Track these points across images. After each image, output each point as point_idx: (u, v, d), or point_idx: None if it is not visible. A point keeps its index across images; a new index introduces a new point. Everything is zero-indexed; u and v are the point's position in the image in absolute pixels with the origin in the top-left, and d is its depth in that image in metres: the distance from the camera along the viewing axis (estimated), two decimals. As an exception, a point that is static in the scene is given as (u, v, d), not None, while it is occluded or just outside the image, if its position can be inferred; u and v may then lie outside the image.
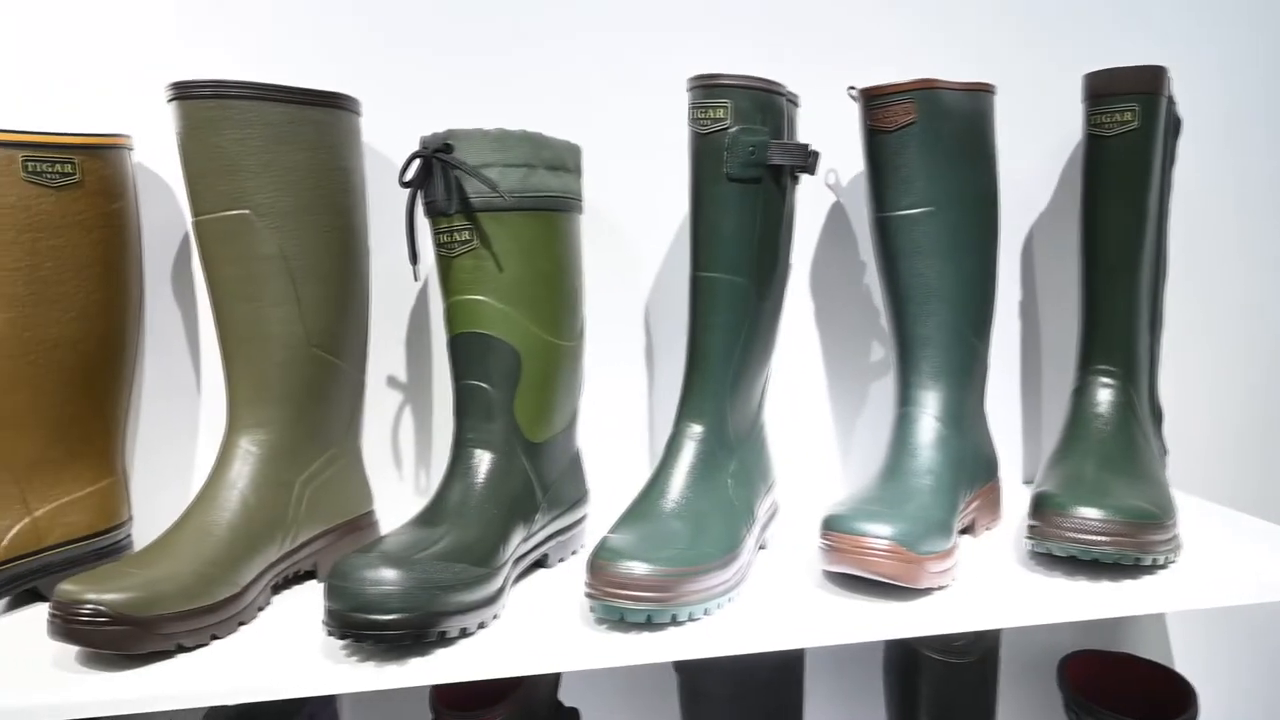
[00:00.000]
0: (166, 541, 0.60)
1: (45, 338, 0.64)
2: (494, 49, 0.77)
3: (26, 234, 0.63)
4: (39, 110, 0.72)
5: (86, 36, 0.73)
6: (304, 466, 0.66)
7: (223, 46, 0.74)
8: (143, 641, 0.53)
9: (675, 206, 0.81)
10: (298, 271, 0.64)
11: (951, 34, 0.82)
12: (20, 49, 0.72)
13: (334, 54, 0.75)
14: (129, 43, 0.73)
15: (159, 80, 0.74)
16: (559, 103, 0.78)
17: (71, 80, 0.73)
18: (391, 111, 0.76)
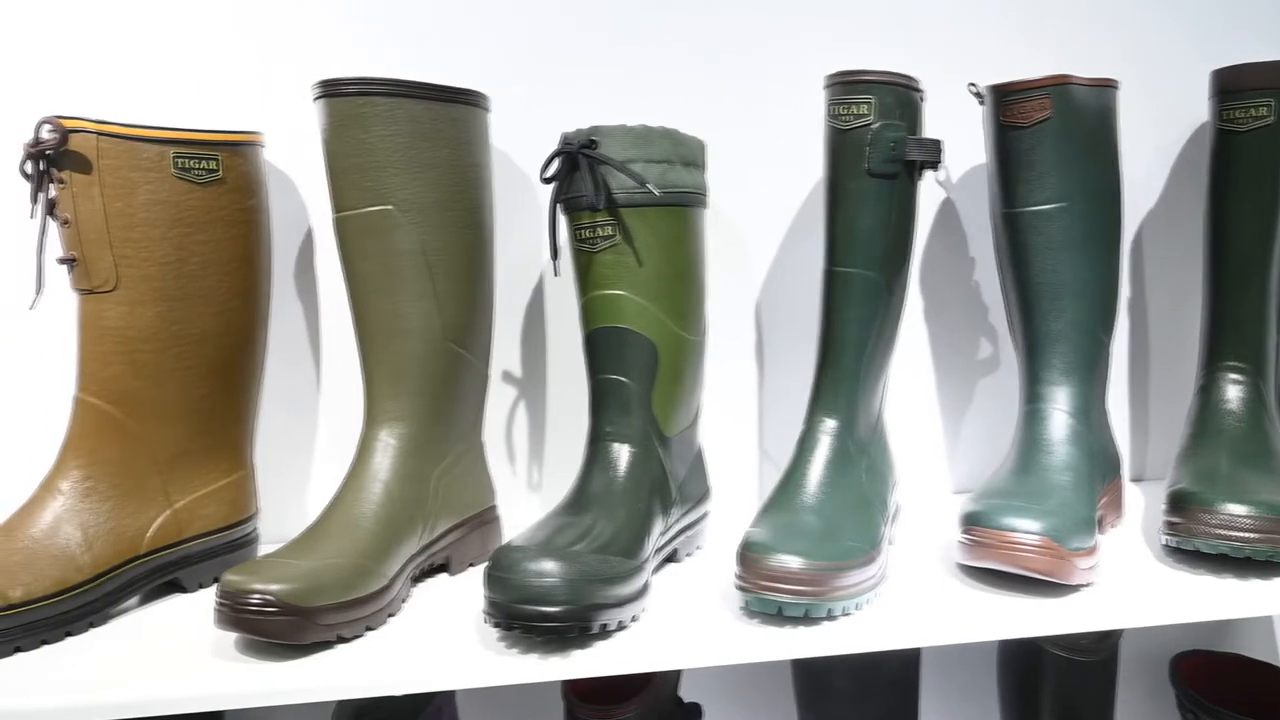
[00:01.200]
0: (317, 533, 0.60)
1: (190, 332, 0.65)
2: (593, 44, 0.77)
3: (175, 229, 0.64)
4: (169, 108, 0.74)
5: (210, 34, 0.74)
6: (439, 459, 0.67)
7: (319, 42, 0.75)
8: (306, 632, 0.54)
9: (780, 202, 0.81)
10: (436, 266, 0.65)
11: (1037, 30, 0.82)
12: (148, 45, 0.73)
13: (429, 50, 0.76)
14: (245, 40, 0.74)
15: (276, 79, 0.75)
16: (657, 97, 0.79)
17: (201, 78, 0.74)
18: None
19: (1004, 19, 0.81)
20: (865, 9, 0.79)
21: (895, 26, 0.80)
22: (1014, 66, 0.81)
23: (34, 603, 0.57)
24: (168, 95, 0.74)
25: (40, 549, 0.59)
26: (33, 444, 0.75)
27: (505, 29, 0.76)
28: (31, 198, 0.62)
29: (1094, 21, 0.82)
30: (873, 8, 0.79)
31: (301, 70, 0.75)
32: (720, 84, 0.79)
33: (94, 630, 0.61)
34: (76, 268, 0.62)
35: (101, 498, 0.63)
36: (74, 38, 0.72)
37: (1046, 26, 0.81)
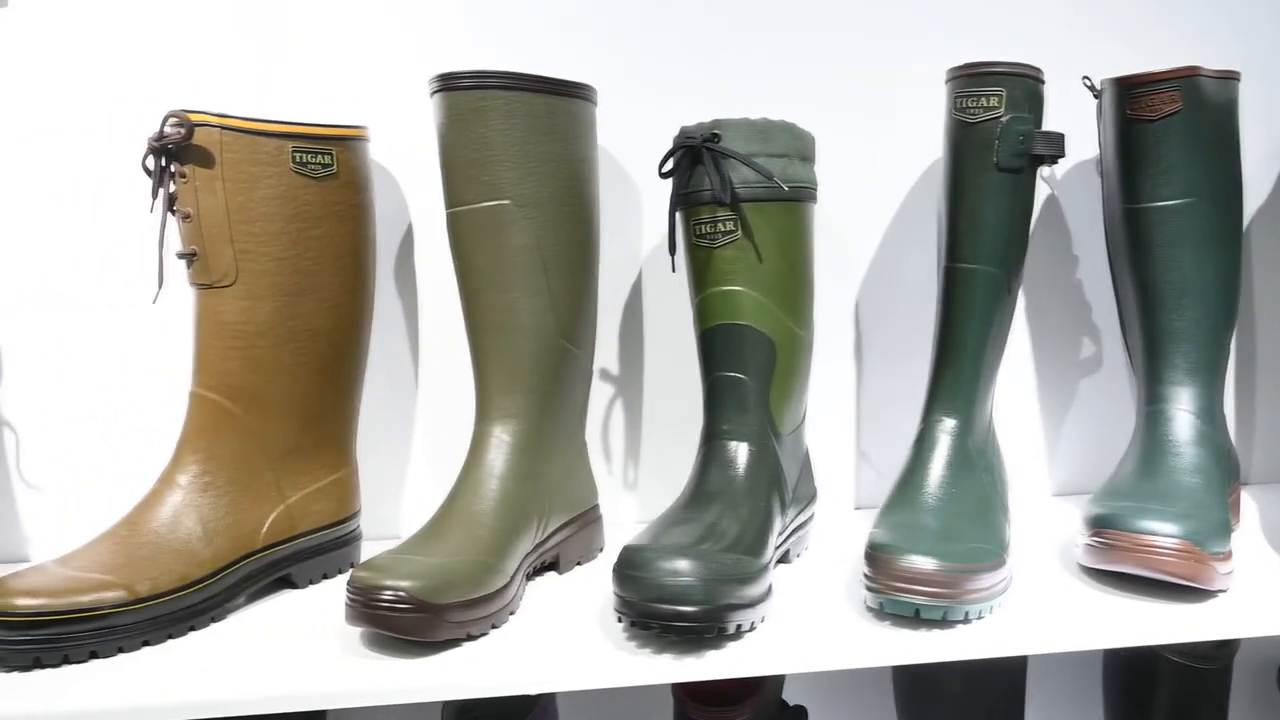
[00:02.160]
0: (437, 530, 0.60)
1: (305, 327, 0.65)
2: (686, 37, 0.77)
3: (293, 224, 0.64)
4: (261, 102, 0.74)
5: (303, 29, 0.74)
6: (550, 457, 0.66)
7: (412, 35, 0.75)
8: (438, 629, 0.54)
9: (879, 199, 0.80)
10: (550, 262, 0.64)
11: (1121, 19, 0.80)
12: (233, 41, 0.73)
13: (510, 41, 0.75)
14: (340, 35, 0.74)
15: (371, 74, 0.75)
16: (749, 91, 0.78)
17: (297, 73, 0.74)
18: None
19: (1077, 9, 0.79)
20: (953, 5, 0.78)
21: (989, 22, 0.78)
22: (1077, 58, 0.79)
23: (160, 597, 0.57)
24: (257, 90, 0.74)
25: (164, 544, 0.59)
26: (143, 437, 0.76)
27: (592, 24, 0.76)
28: (152, 193, 0.62)
29: (1161, 9, 0.80)
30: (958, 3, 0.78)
31: (396, 64, 0.74)
32: (815, 78, 0.78)
33: (214, 625, 0.61)
34: (196, 262, 0.62)
35: (219, 492, 0.63)
36: (163, 32, 0.73)
37: (1114, 15, 0.80)
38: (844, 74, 0.78)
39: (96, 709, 0.50)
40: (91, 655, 0.55)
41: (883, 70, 0.78)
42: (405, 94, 0.75)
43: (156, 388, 0.75)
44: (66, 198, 0.73)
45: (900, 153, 0.79)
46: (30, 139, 0.73)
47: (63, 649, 0.54)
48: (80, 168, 0.73)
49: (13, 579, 0.55)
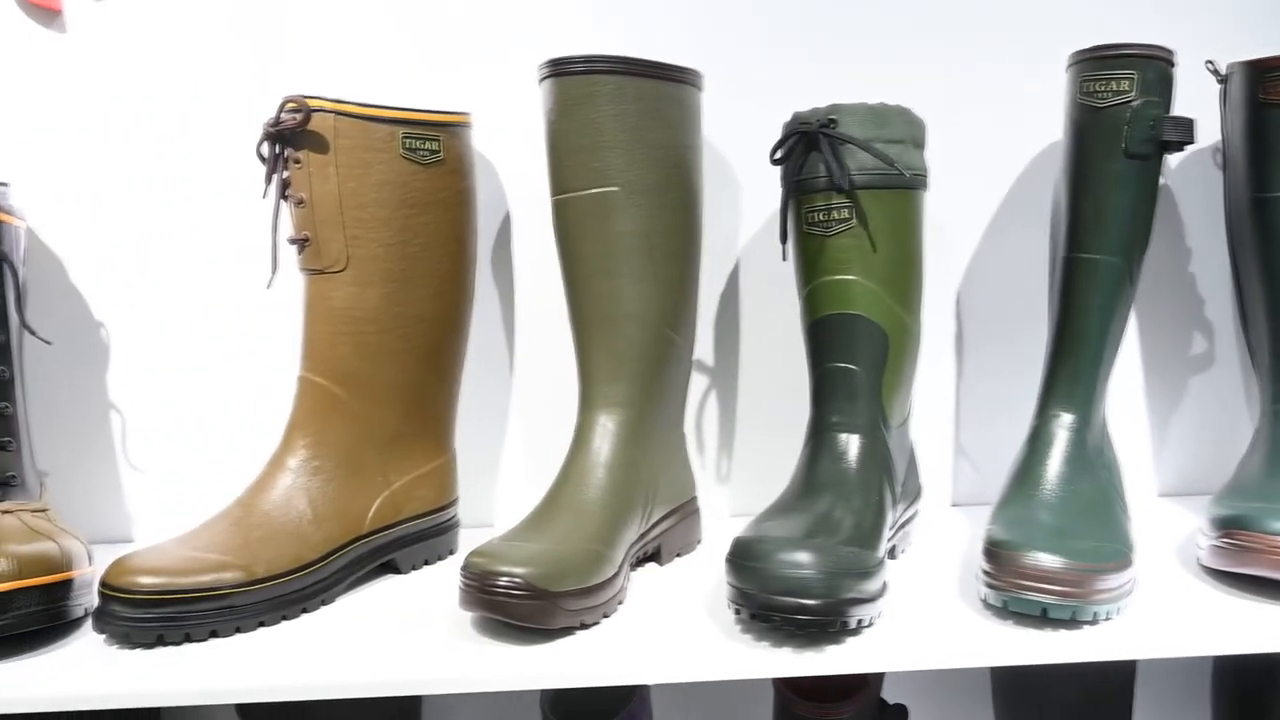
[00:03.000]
0: (545, 518, 0.60)
1: (410, 314, 0.65)
2: (783, 21, 0.75)
3: (401, 210, 0.64)
4: (383, 88, 0.74)
5: (397, 15, 0.74)
6: (653, 446, 0.65)
7: (502, 24, 0.74)
8: (554, 616, 0.53)
9: (983, 189, 0.78)
10: (656, 250, 0.64)
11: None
12: (318, 27, 0.74)
13: (601, 26, 0.75)
14: (434, 21, 0.74)
15: (464, 61, 0.75)
16: (843, 75, 0.76)
17: (389, 60, 0.74)
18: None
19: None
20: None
21: (1098, 5, 0.76)
22: (1196, 44, 0.76)
23: (276, 578, 0.58)
24: (355, 76, 0.75)
25: (277, 526, 0.60)
26: (242, 422, 0.77)
27: (687, 8, 0.75)
28: (266, 178, 0.62)
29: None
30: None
31: (491, 51, 0.74)
32: (914, 61, 0.76)
33: (324, 608, 0.61)
34: (308, 248, 0.63)
35: (327, 477, 0.63)
36: (263, 18, 0.74)
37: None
38: (945, 58, 0.76)
39: (222, 688, 0.51)
40: (211, 634, 0.56)
41: (986, 54, 0.76)
42: (500, 81, 0.75)
43: (255, 373, 0.76)
44: (171, 183, 0.75)
45: (1004, 139, 0.77)
46: (135, 127, 0.74)
47: (185, 627, 0.55)
48: (186, 155, 0.74)
49: (135, 558, 0.56)
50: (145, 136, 0.74)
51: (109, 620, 0.54)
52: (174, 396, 0.77)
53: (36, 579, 0.54)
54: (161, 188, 0.75)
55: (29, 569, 0.54)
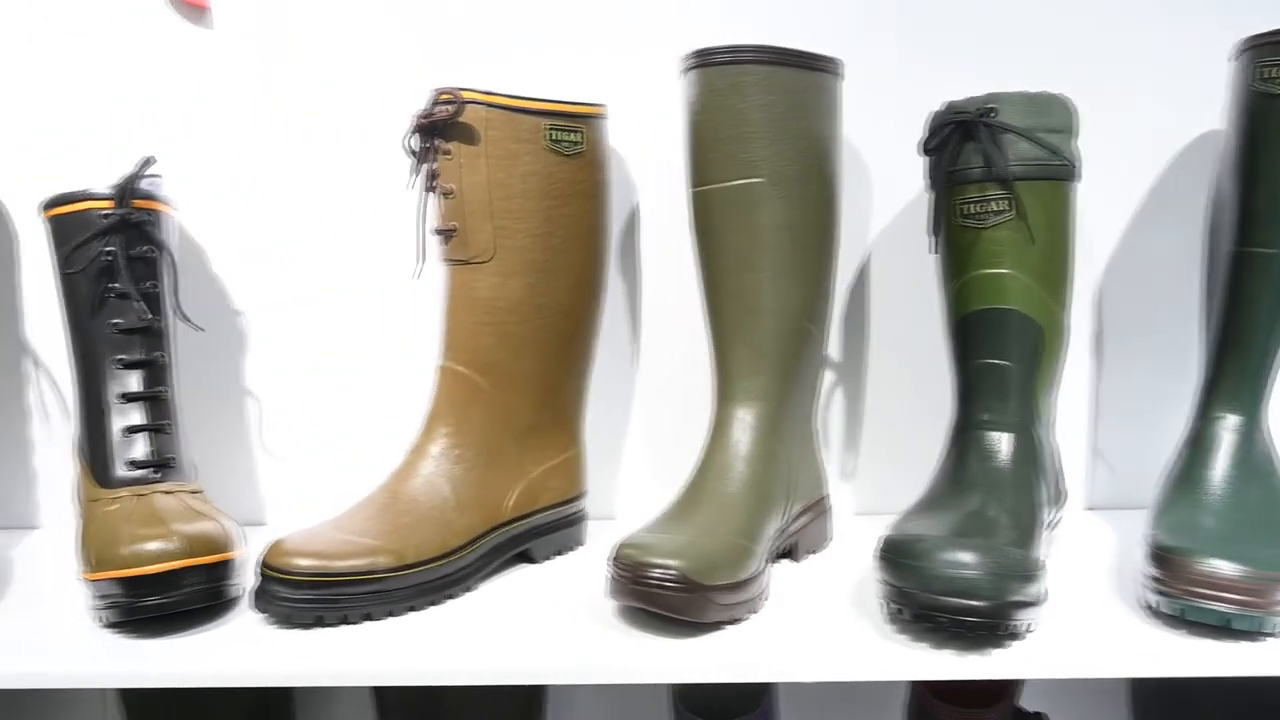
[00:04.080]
0: (687, 510, 0.59)
1: (551, 305, 0.66)
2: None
3: (545, 202, 0.64)
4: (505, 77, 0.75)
5: (539, 8, 0.75)
6: (789, 441, 0.65)
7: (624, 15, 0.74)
8: (707, 610, 0.53)
9: (1129, 183, 0.75)
10: (799, 242, 0.63)
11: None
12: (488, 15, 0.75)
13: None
14: (573, 17, 0.74)
15: (605, 53, 0.75)
16: (984, 61, 0.74)
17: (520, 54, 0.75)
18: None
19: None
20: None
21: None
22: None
23: (425, 564, 0.59)
24: (488, 67, 0.75)
25: (423, 512, 0.61)
26: (374, 409, 0.78)
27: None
28: (414, 170, 0.63)
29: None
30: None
31: (619, 44, 0.74)
32: (1063, 50, 0.73)
33: (468, 595, 0.62)
34: (455, 238, 0.64)
35: (469, 465, 0.64)
36: (395, 12, 0.75)
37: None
38: (1084, 46, 0.73)
39: (379, 670, 0.52)
40: (365, 618, 0.57)
41: (1132, 42, 0.73)
42: (626, 72, 0.75)
43: (385, 362, 0.78)
44: (313, 175, 0.76)
45: (1148, 131, 0.74)
46: (280, 120, 0.76)
47: (342, 609, 0.56)
48: (328, 146, 0.76)
49: (290, 540, 0.57)
50: (290, 129, 0.76)
51: (270, 600, 0.56)
52: (307, 385, 0.79)
53: (201, 558, 0.56)
54: (303, 179, 0.76)
55: (195, 548, 0.56)
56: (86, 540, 0.58)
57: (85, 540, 0.58)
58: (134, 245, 0.65)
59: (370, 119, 0.75)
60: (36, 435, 0.81)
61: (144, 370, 0.65)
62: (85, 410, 0.65)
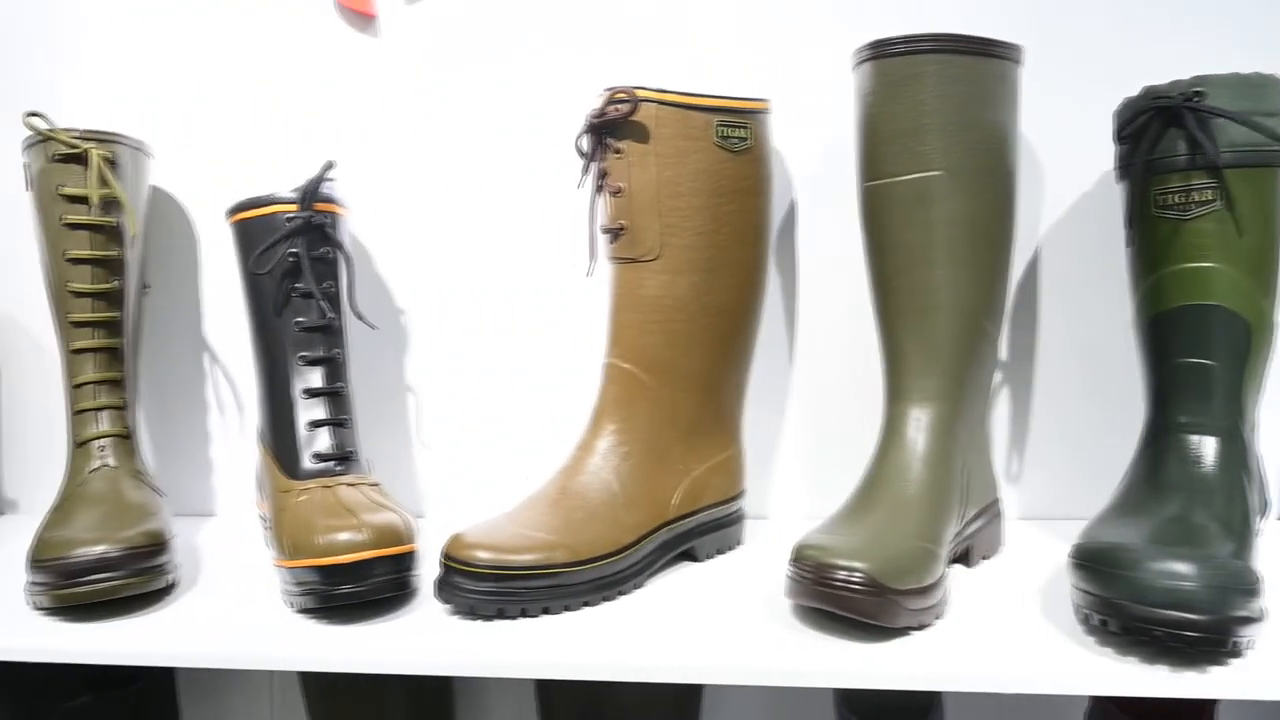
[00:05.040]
0: (863, 511, 0.58)
1: (715, 303, 0.65)
2: None
3: (713, 199, 0.64)
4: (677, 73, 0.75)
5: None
6: (964, 442, 0.62)
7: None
8: (897, 614, 0.51)
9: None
10: (977, 237, 0.61)
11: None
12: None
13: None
14: (735, 11, 0.74)
15: (760, 48, 0.74)
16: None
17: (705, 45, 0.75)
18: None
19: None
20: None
21: None
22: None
23: (598, 560, 0.59)
24: (642, 63, 0.75)
25: (593, 508, 0.61)
26: (529, 405, 0.80)
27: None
28: (584, 169, 0.64)
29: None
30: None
31: (769, 40, 0.73)
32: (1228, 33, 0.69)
33: (637, 591, 0.62)
34: (623, 237, 0.64)
35: (636, 462, 0.64)
36: (555, 13, 0.76)
37: None
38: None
39: (563, 663, 0.52)
40: (544, 611, 0.58)
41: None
42: (784, 67, 0.74)
43: (540, 359, 0.79)
44: (475, 176, 0.78)
45: None
46: (444, 123, 0.78)
47: (522, 602, 0.57)
48: (491, 148, 0.78)
49: (470, 533, 0.58)
50: (454, 131, 0.78)
51: (454, 591, 0.57)
52: (465, 382, 0.81)
53: (388, 549, 0.58)
54: (466, 179, 0.78)
55: (383, 539, 0.58)
56: (280, 529, 0.61)
57: (279, 529, 0.61)
58: (315, 246, 0.68)
59: (533, 119, 0.77)
60: (213, 427, 0.85)
61: (325, 366, 0.68)
62: (270, 405, 0.68)
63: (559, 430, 0.79)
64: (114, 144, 0.71)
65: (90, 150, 0.68)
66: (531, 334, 0.79)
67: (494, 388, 0.80)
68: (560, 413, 0.79)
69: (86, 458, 0.68)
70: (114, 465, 0.68)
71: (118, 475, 0.68)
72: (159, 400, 0.85)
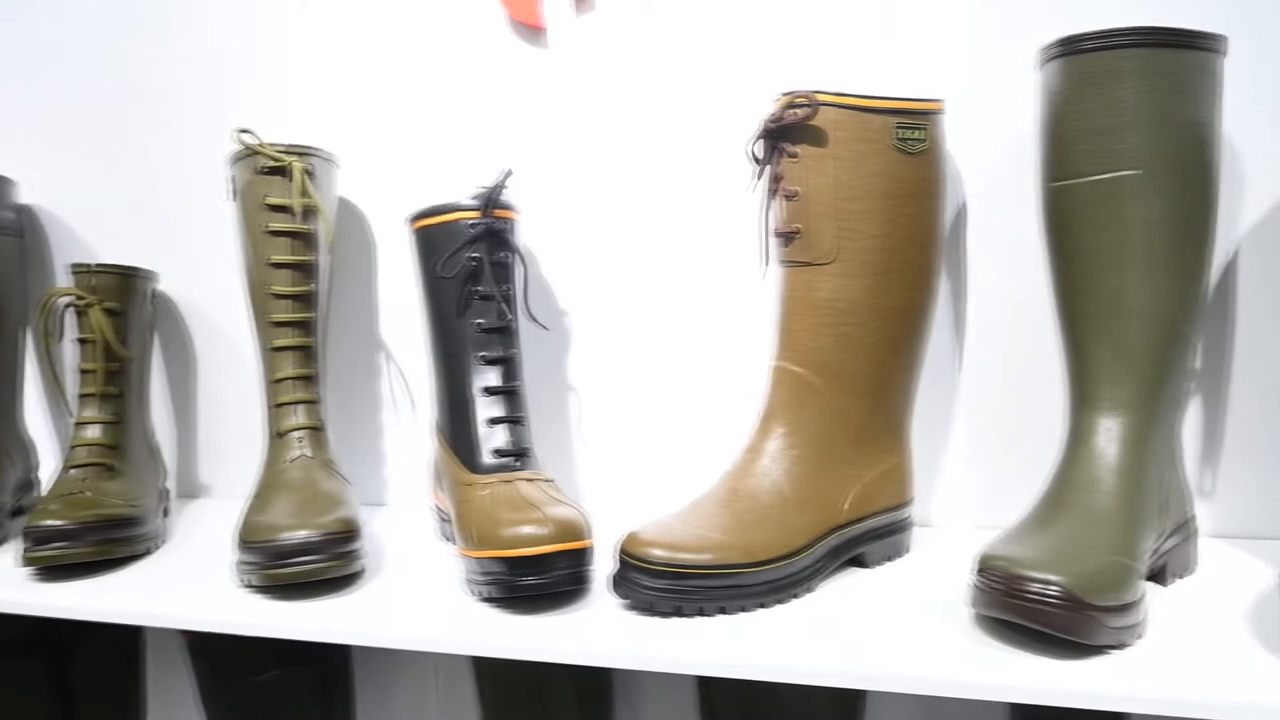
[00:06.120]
0: (1051, 522, 0.56)
1: (888, 306, 0.65)
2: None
3: (889, 202, 0.63)
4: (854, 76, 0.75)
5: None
6: (1158, 454, 0.60)
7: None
8: (1097, 631, 0.49)
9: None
10: (1176, 238, 0.58)
11: None
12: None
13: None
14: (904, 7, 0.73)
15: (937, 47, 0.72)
16: None
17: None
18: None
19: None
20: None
21: None
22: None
23: (772, 562, 0.59)
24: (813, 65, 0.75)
25: (764, 510, 0.62)
26: (686, 406, 0.81)
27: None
28: (758, 173, 0.65)
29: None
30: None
31: (941, 38, 0.72)
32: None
33: (809, 595, 0.62)
34: (797, 240, 0.64)
35: (806, 465, 0.64)
36: (720, 21, 0.76)
37: None
38: None
39: (741, 662, 0.53)
40: (720, 611, 0.58)
41: None
42: (958, 66, 0.72)
43: (700, 360, 0.80)
44: (640, 183, 0.80)
45: None
46: (613, 130, 0.80)
47: (699, 601, 0.58)
48: (657, 155, 0.79)
49: (645, 531, 0.60)
50: (620, 137, 0.80)
51: (631, 587, 0.58)
52: (622, 379, 0.83)
53: (569, 544, 0.60)
54: (629, 186, 0.80)
55: (564, 534, 0.60)
56: (465, 521, 0.64)
57: (463, 520, 0.64)
58: (495, 251, 0.71)
59: (697, 125, 0.78)
60: (386, 421, 0.90)
61: (502, 366, 0.71)
62: (449, 402, 0.72)
63: (716, 433, 0.80)
64: (311, 156, 0.77)
65: (293, 163, 0.74)
66: (692, 337, 0.80)
67: (654, 389, 0.82)
68: (718, 416, 0.80)
69: (285, 448, 0.74)
70: (309, 455, 0.73)
71: (312, 465, 0.73)
72: (336, 394, 0.91)
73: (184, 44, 0.91)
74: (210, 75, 0.91)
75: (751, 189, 0.65)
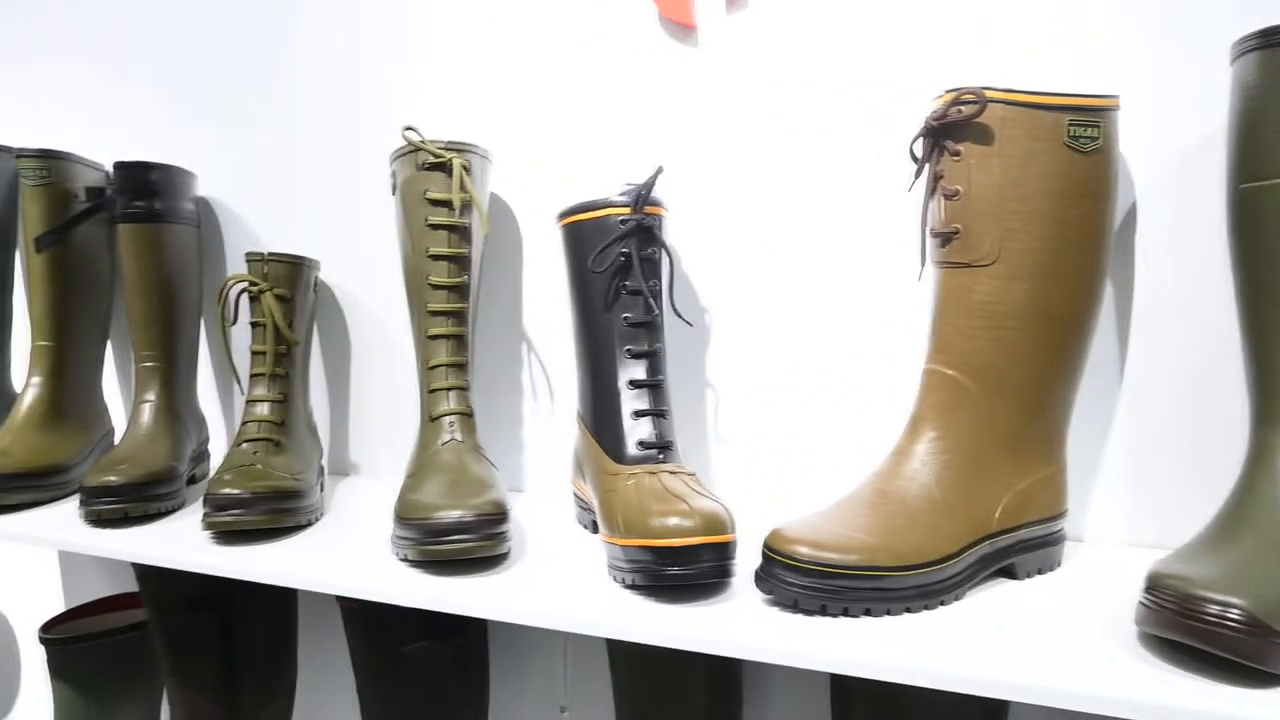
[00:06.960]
0: (1227, 542, 0.53)
1: (1050, 311, 0.62)
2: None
3: (1058, 202, 0.61)
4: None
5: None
6: (1353, 478, 0.56)
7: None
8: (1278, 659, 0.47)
9: None
10: (1383, 245, 0.54)
11: None
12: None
13: None
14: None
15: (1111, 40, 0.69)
16: None
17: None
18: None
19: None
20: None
21: None
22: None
23: (921, 567, 0.58)
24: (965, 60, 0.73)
25: (913, 514, 0.61)
26: (829, 407, 0.81)
27: None
28: (916, 172, 0.64)
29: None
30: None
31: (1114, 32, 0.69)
32: None
33: (957, 604, 0.61)
34: (956, 240, 0.63)
35: (956, 470, 0.63)
36: (872, 19, 0.75)
37: None
38: None
39: (884, 663, 0.52)
40: (865, 612, 0.58)
41: None
42: (1132, 60, 0.69)
43: (841, 361, 0.80)
44: (793, 181, 0.80)
45: None
46: (763, 128, 0.80)
47: (845, 601, 0.58)
48: (808, 154, 0.79)
49: (790, 528, 0.60)
50: (767, 135, 0.80)
51: (775, 583, 0.59)
52: (759, 379, 0.83)
53: (714, 536, 0.60)
54: (776, 184, 0.80)
55: (709, 527, 0.60)
56: (611, 509, 0.65)
57: (609, 509, 0.66)
58: (644, 247, 0.72)
59: (849, 123, 0.77)
60: (526, 410, 0.93)
61: (648, 360, 0.72)
62: (595, 394, 0.73)
63: (852, 439, 0.79)
64: (468, 153, 0.80)
65: (453, 159, 0.77)
66: (834, 340, 0.79)
67: (794, 391, 0.81)
68: (854, 421, 0.79)
69: (438, 431, 0.77)
70: (460, 440, 0.76)
71: (463, 449, 0.76)
72: (480, 382, 0.95)
73: (348, 48, 0.97)
74: (370, 76, 0.96)
75: (909, 189, 0.64)
